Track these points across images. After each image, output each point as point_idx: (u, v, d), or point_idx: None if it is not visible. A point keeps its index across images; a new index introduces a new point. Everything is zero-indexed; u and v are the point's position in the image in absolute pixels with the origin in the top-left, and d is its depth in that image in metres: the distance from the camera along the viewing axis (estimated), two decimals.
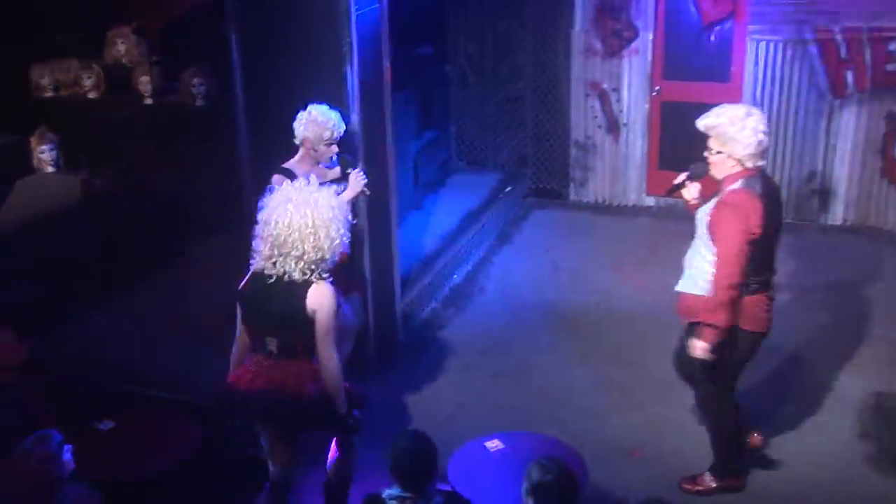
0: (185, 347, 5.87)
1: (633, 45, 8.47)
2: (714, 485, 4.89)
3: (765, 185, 4.42)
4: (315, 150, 5.11)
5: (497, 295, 7.22)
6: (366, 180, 5.12)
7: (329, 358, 3.96)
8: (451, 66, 9.03)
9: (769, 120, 8.03)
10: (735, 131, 4.31)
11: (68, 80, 7.98)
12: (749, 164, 4.35)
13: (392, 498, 3.73)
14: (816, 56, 7.89)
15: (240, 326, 4.21)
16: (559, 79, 8.82)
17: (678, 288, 4.66)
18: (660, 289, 5.36)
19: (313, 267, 3.94)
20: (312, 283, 3.95)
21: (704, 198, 4.60)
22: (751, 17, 8.01)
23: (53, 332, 6.11)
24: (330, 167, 5.22)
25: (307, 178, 4.51)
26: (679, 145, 8.43)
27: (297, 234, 3.91)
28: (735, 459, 4.92)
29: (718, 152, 4.38)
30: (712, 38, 8.26)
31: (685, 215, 4.89)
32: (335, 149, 5.14)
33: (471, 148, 9.34)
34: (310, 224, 3.91)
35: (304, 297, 3.93)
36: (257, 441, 4.34)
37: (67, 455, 3.85)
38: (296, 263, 3.93)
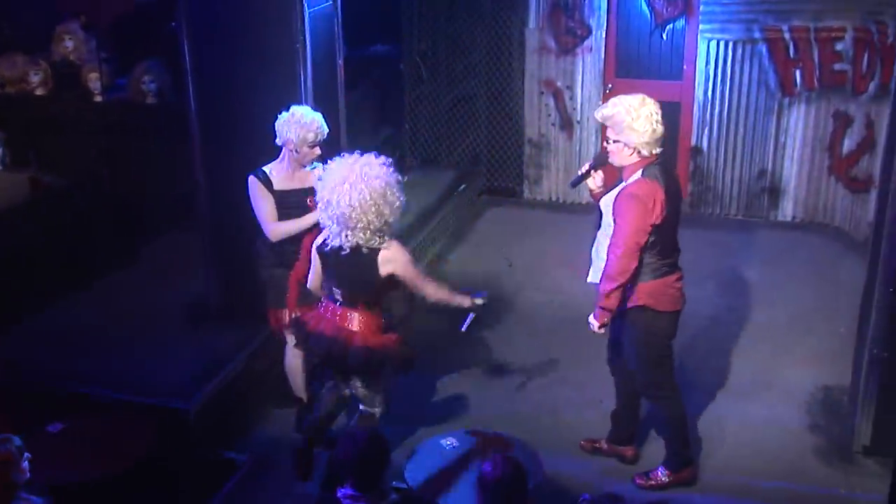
0: (140, 348, 5.81)
1: (587, 43, 8.55)
2: (667, 479, 4.97)
3: (664, 172, 4.56)
4: (297, 152, 5.02)
5: None
6: None
7: (430, 292, 4.66)
8: (406, 65, 9.03)
9: (721, 118, 8.25)
10: (631, 120, 4.42)
11: (15, 76, 7.83)
12: (646, 152, 4.48)
13: (346, 497, 3.74)
14: (766, 55, 8.04)
15: (312, 277, 4.76)
16: (513, 77, 8.87)
17: (590, 279, 4.78)
18: None
19: (381, 231, 4.45)
20: (380, 249, 4.46)
21: (607, 186, 4.71)
22: (702, 17, 8.12)
23: (2, 333, 6.02)
24: (311, 169, 5.13)
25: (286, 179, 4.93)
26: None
27: (359, 209, 4.35)
28: (688, 449, 5.01)
29: (615, 141, 4.49)
30: (664, 36, 8.37)
31: None
32: (318, 151, 5.04)
33: (425, 146, 9.35)
34: (368, 198, 4.34)
35: (375, 265, 4.47)
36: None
37: (25, 463, 3.80)
38: (364, 233, 4.42)
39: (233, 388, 5.61)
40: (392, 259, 4.50)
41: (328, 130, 5.10)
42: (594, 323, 4.69)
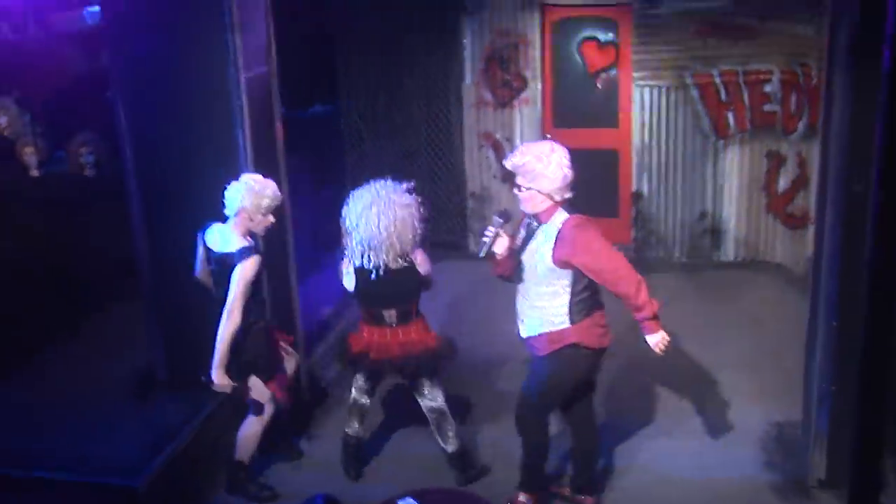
0: (83, 424, 5.66)
1: (523, 95, 8.66)
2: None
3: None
4: (251, 220, 4.96)
5: None
6: None
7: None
8: (345, 124, 9.06)
9: (659, 163, 8.39)
10: (542, 167, 4.49)
11: None
12: (557, 198, 4.56)
13: None
14: (698, 99, 8.22)
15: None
16: (453, 132, 8.96)
17: (525, 334, 4.78)
18: None
19: (401, 255, 4.93)
20: (412, 260, 4.99)
21: (511, 248, 4.75)
22: (633, 65, 8.30)
23: None
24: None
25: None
26: (572, 190, 8.65)
27: (384, 233, 4.82)
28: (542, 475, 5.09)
29: (528, 188, 4.54)
30: (599, 85, 8.52)
31: None
32: (272, 219, 5.02)
33: None
34: (393, 223, 4.81)
35: (416, 271, 5.04)
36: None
37: None
38: (387, 255, 4.88)
39: (183, 461, 5.48)
40: (421, 262, 5.07)
41: (281, 197, 5.08)
42: (656, 337, 4.69)
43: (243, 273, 4.81)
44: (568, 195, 4.60)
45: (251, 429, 5.32)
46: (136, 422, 5.68)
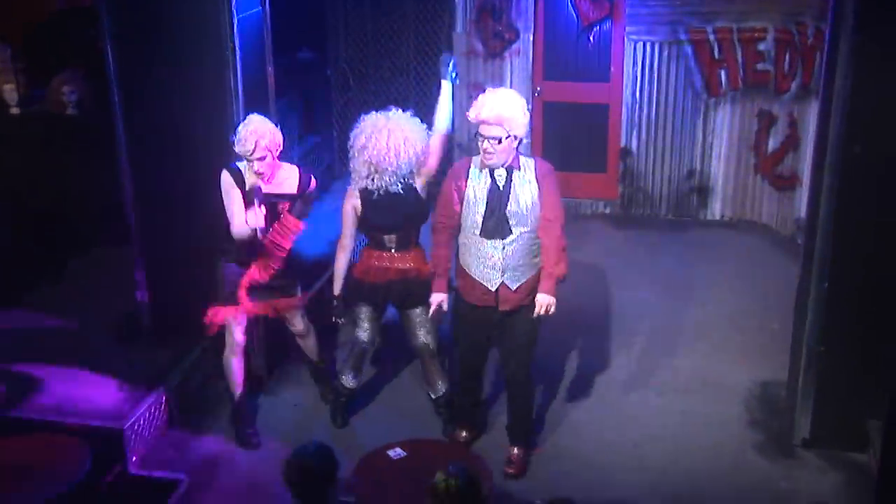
0: (70, 368, 5.63)
1: (515, 46, 8.57)
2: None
3: None
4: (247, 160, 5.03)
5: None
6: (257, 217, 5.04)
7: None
8: (332, 70, 8.95)
9: (649, 119, 8.37)
10: (522, 114, 4.61)
11: None
12: (525, 139, 4.74)
13: None
14: (691, 56, 8.17)
15: (349, 234, 5.21)
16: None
17: (515, 285, 4.78)
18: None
19: (404, 177, 4.99)
20: (415, 182, 5.08)
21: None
22: (628, 19, 8.22)
23: None
24: None
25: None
26: (561, 144, 8.64)
27: (392, 153, 4.89)
28: None
29: (507, 137, 4.57)
30: (591, 39, 8.45)
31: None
32: (254, 165, 5.00)
33: None
34: (402, 144, 4.91)
35: (417, 198, 5.09)
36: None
37: None
38: (390, 178, 4.95)
39: (167, 406, 5.48)
40: (423, 186, 5.14)
41: (266, 138, 4.98)
42: (550, 298, 4.70)
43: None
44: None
45: (228, 358, 5.43)
46: (123, 367, 5.63)
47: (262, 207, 4.94)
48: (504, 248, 4.72)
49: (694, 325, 6.66)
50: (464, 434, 5.33)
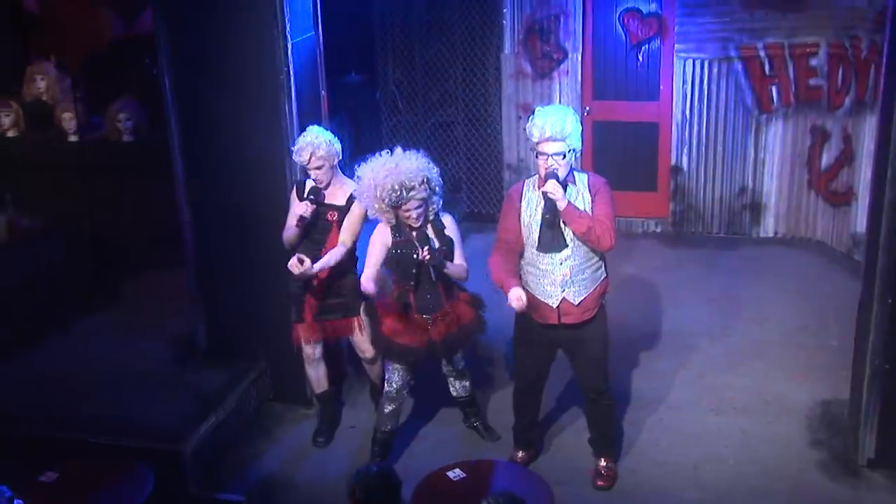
0: (129, 391, 5.69)
1: (563, 66, 8.56)
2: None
3: None
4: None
5: None
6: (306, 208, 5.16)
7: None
8: (382, 94, 9.00)
9: (700, 137, 8.30)
10: (578, 125, 4.62)
11: None
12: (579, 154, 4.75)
13: None
14: (742, 73, 8.08)
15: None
16: (490, 102, 8.87)
17: (578, 299, 4.74)
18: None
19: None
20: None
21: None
22: (677, 36, 8.16)
23: None
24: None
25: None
26: (611, 163, 8.59)
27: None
28: None
29: (570, 151, 4.58)
30: (640, 57, 8.41)
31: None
32: (317, 174, 5.15)
33: None
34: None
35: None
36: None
37: None
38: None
39: (226, 428, 5.51)
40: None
41: (322, 149, 5.10)
42: (561, 194, 4.53)
43: None
44: None
45: (311, 370, 5.67)
46: (180, 390, 5.69)
47: (311, 206, 5.10)
48: (562, 262, 4.70)
49: (751, 343, 6.55)
50: (521, 454, 5.28)
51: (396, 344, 5.08)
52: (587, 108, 8.58)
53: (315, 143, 5.08)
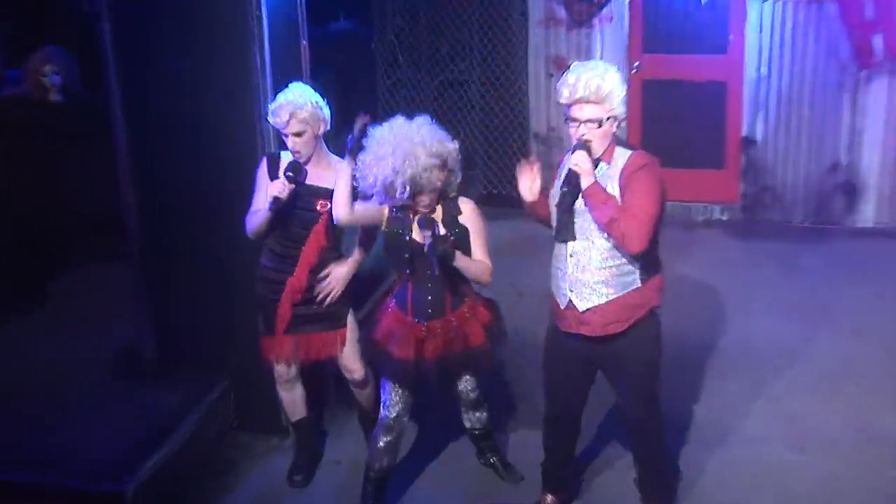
0: (58, 415, 5.76)
1: (606, 11, 8.64)
2: None
3: None
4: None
5: None
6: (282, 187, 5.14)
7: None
8: (378, 45, 9.07)
9: (779, 100, 8.33)
10: (621, 87, 4.55)
11: None
12: (623, 123, 4.69)
13: None
14: (836, 17, 8.12)
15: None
16: (514, 55, 8.93)
17: (586, 305, 4.74)
18: None
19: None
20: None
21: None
22: None
23: None
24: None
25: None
26: (665, 133, 8.64)
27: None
28: None
29: (608, 119, 4.53)
30: (704, 0, 8.48)
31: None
32: (295, 140, 5.12)
33: None
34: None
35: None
36: None
37: None
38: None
39: (180, 462, 5.58)
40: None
41: (307, 111, 5.11)
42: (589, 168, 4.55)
43: None
44: None
45: (284, 393, 5.75)
46: (123, 413, 5.75)
47: (288, 185, 5.06)
48: (571, 255, 4.75)
49: (841, 360, 6.61)
50: (550, 498, 5.34)
51: (384, 352, 5.10)
52: (636, 64, 8.66)
53: (297, 103, 5.08)
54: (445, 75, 9.16)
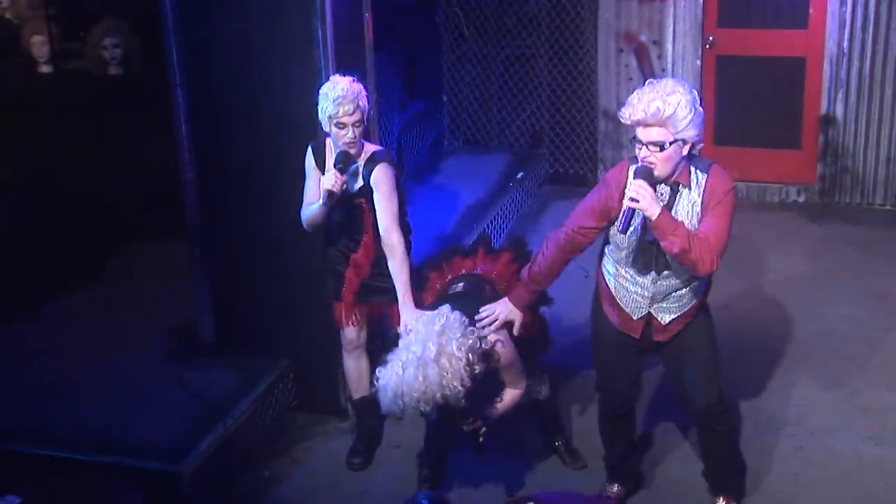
0: (114, 394, 5.83)
1: None
2: None
3: None
4: (330, 133, 5.16)
5: None
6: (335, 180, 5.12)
7: None
8: (443, 17, 9.06)
9: (861, 77, 8.22)
10: (690, 110, 4.36)
11: None
12: (699, 144, 4.50)
13: None
14: None
15: None
16: (583, 30, 8.89)
17: (668, 319, 4.76)
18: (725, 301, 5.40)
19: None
20: None
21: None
22: None
23: None
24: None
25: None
26: (740, 112, 8.58)
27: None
28: None
29: (674, 142, 4.42)
30: None
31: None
32: (346, 134, 5.07)
33: (469, 123, 9.38)
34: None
35: None
36: None
37: None
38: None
39: (237, 443, 5.65)
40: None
41: (352, 107, 5.04)
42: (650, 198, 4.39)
43: None
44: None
45: (349, 365, 5.81)
46: (179, 393, 5.81)
47: (340, 177, 5.07)
48: (656, 282, 4.74)
49: None
50: (616, 488, 5.34)
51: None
52: (710, 39, 8.59)
53: (356, 91, 5.06)
54: (512, 49, 9.12)
